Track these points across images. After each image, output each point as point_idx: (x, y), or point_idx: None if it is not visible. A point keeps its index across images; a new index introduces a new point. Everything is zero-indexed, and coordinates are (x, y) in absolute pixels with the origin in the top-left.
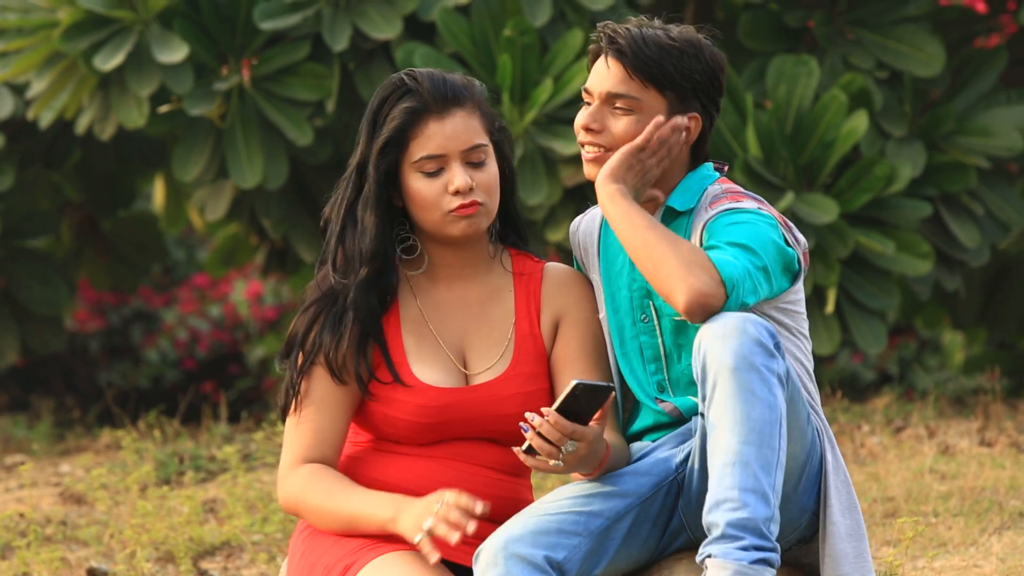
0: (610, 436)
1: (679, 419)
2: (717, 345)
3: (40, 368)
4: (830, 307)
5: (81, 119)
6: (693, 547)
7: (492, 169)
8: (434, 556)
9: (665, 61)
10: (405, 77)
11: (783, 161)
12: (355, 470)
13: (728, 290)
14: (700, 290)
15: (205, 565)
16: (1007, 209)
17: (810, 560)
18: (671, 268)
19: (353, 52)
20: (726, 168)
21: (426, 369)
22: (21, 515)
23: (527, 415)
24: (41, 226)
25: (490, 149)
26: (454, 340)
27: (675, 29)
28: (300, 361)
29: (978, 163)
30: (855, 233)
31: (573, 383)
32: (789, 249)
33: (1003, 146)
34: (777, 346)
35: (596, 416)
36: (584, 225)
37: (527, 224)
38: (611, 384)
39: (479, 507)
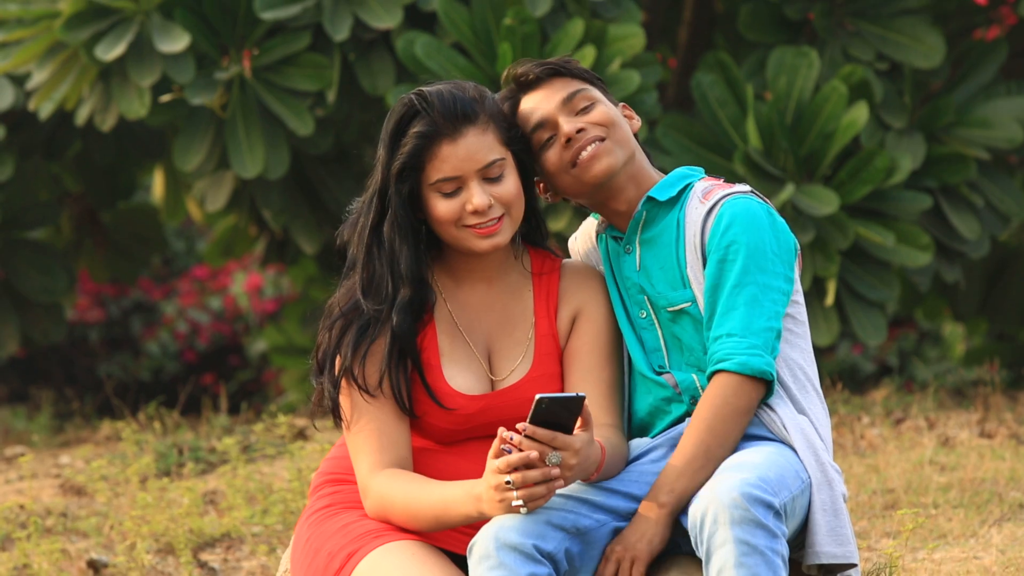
0: (608, 433)
1: (676, 396)
2: (721, 531)
3: (40, 360)
4: (830, 299)
5: (82, 110)
6: (687, 553)
7: (511, 181)
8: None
9: (567, 63)
10: (415, 99)
11: (783, 152)
12: None
13: (760, 376)
14: (754, 400)
15: (205, 557)
16: (1007, 201)
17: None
18: (730, 425)
19: (354, 42)
20: (721, 180)
21: (458, 373)
22: (21, 506)
23: (504, 434)
24: (41, 217)
25: (508, 160)
26: (481, 341)
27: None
28: (335, 378)
29: (978, 155)
30: (855, 224)
31: (536, 397)
32: (790, 236)
33: (1003, 138)
34: (777, 515)
35: (579, 425)
36: (581, 237)
37: None
38: (579, 394)
39: (533, 454)
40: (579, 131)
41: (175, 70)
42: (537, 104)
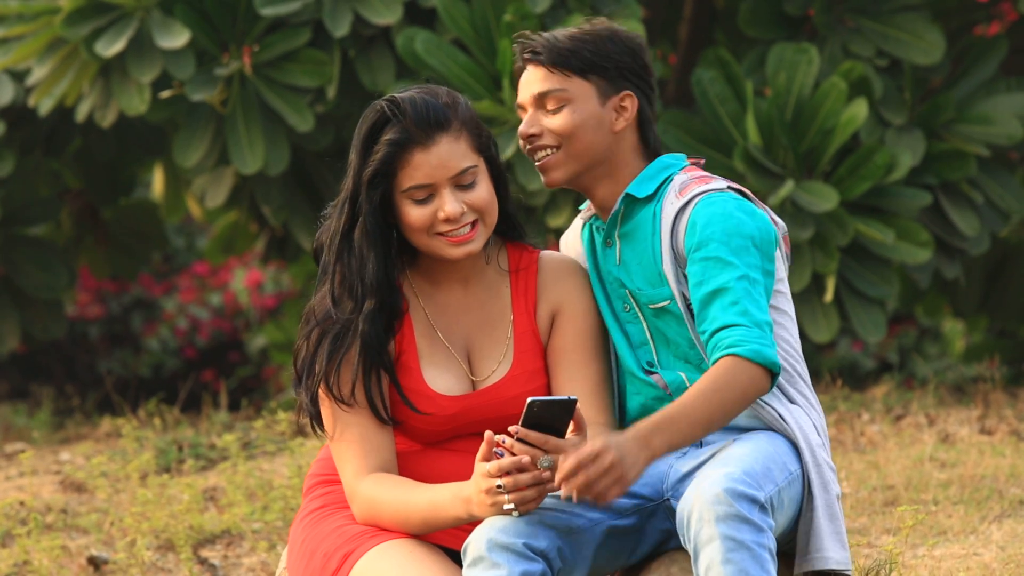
0: (601, 433)
1: (667, 396)
2: (706, 528)
3: (40, 356)
4: (829, 295)
5: (82, 106)
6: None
7: (483, 188)
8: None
9: (580, 48)
10: (387, 106)
11: (783, 149)
12: None
13: (770, 367)
14: (761, 389)
15: (205, 553)
16: (1007, 197)
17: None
18: (734, 403)
19: (354, 38)
20: (702, 162)
21: (438, 375)
22: (21, 503)
23: (496, 438)
24: (41, 213)
25: (480, 167)
26: (459, 342)
27: (585, 23)
28: (312, 389)
29: (978, 151)
30: (855, 221)
31: (528, 400)
32: (770, 228)
33: (1003, 134)
34: (763, 509)
35: (571, 429)
36: (570, 235)
37: (528, 211)
38: (571, 397)
39: (524, 459)
40: (531, 136)
41: (175, 66)
42: (521, 85)
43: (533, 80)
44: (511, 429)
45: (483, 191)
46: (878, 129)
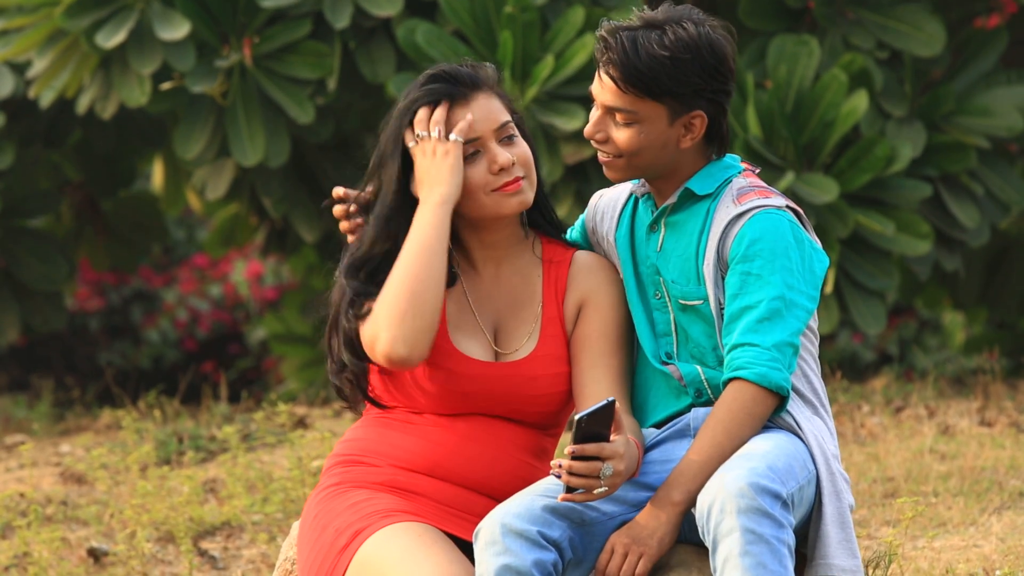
0: (627, 421)
1: (681, 388)
2: (727, 520)
3: (40, 348)
4: (829, 287)
5: (82, 98)
6: (690, 543)
7: (523, 144)
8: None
9: (658, 73)
10: (422, 77)
11: (783, 141)
12: (381, 439)
13: (777, 391)
14: (768, 411)
15: (205, 545)
16: (1007, 189)
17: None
18: (741, 429)
19: (354, 30)
20: (757, 170)
21: (463, 338)
22: (21, 495)
23: (553, 463)
24: (41, 205)
25: (514, 126)
26: (488, 318)
27: (671, 31)
28: (359, 311)
29: (978, 143)
30: (855, 213)
31: (575, 418)
32: (818, 253)
33: (1003, 126)
34: (785, 505)
35: (613, 430)
36: (609, 194)
37: None
38: (609, 400)
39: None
40: (596, 139)
41: (176, 58)
42: (596, 81)
43: (605, 90)
44: (567, 451)
45: (524, 146)
46: (878, 121)
